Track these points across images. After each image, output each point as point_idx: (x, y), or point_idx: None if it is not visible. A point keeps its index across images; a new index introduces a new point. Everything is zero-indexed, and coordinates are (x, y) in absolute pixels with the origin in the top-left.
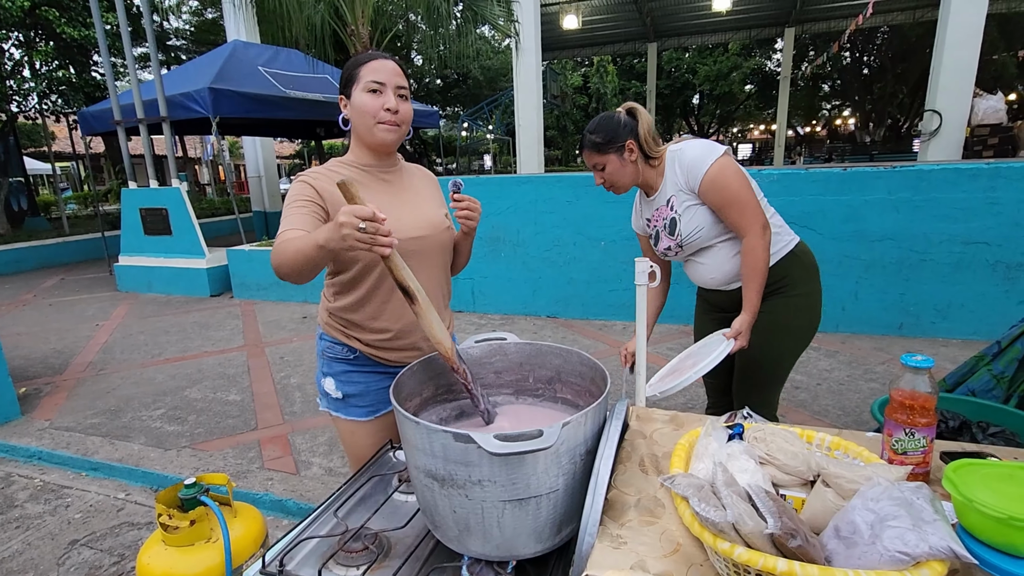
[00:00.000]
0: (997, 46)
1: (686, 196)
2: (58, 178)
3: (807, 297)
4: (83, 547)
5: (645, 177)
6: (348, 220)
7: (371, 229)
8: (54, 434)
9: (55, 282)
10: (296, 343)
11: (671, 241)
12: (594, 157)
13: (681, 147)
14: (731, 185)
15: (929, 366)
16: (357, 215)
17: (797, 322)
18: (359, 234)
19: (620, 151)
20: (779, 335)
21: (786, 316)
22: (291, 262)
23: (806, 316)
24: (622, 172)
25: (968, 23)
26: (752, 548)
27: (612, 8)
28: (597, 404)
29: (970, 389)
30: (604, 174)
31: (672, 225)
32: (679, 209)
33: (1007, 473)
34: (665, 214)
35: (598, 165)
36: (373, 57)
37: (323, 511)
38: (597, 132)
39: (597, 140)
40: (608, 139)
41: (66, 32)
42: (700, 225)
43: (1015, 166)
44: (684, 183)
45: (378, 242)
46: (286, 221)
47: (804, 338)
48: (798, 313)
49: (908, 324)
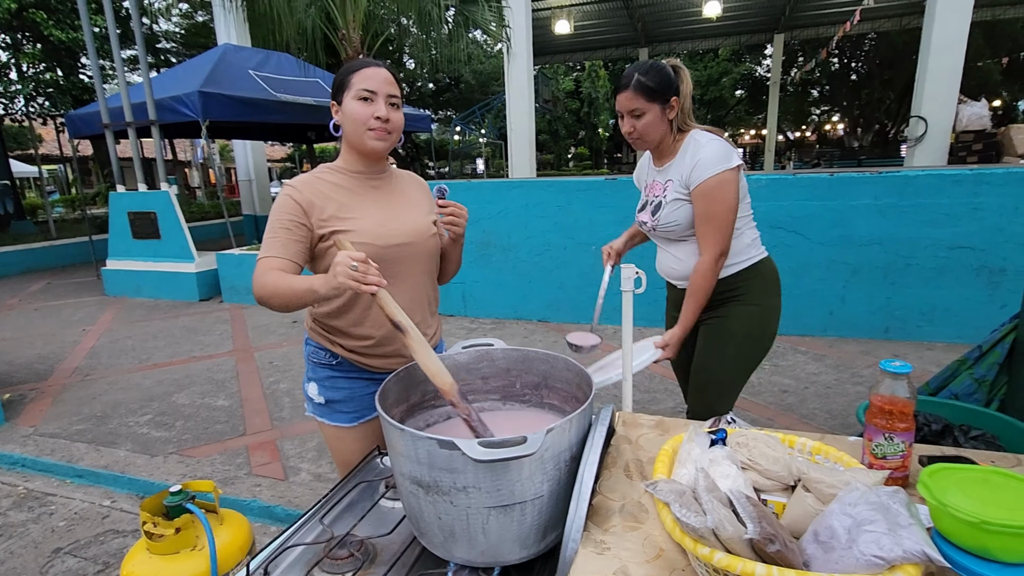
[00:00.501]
0: (982, 53)
1: (679, 188)
2: (45, 181)
3: (761, 308)
4: (67, 555)
5: (666, 142)
6: (343, 260)
7: (362, 269)
8: (38, 441)
9: (41, 286)
10: (286, 348)
11: (650, 220)
12: (637, 101)
13: (703, 139)
14: (718, 203)
15: (907, 372)
16: (352, 257)
17: (747, 330)
18: (351, 272)
19: (665, 104)
20: (726, 340)
21: (737, 323)
22: (281, 299)
23: (757, 327)
24: (657, 127)
25: (952, 31)
26: (732, 553)
27: (603, 13)
28: (581, 410)
29: (953, 393)
30: (639, 123)
31: (657, 208)
32: (668, 197)
33: (980, 477)
34: (658, 192)
35: (637, 111)
36: (365, 64)
37: (309, 518)
38: (650, 76)
39: (649, 84)
40: (660, 87)
41: (54, 34)
42: (678, 221)
43: (998, 172)
44: (686, 175)
45: (367, 280)
46: (269, 244)
47: (753, 349)
48: (749, 322)
49: (894, 328)
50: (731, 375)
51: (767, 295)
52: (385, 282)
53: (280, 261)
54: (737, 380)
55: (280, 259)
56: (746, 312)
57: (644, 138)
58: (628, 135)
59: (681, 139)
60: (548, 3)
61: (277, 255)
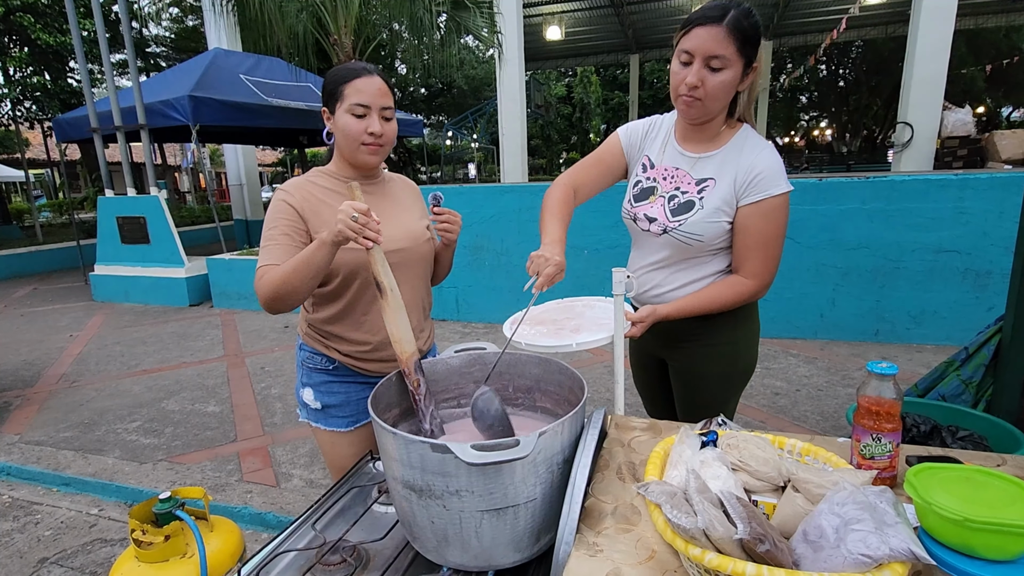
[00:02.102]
0: (966, 61)
1: (726, 196)
2: (32, 185)
3: (735, 343)
4: (53, 565)
5: (715, 125)
6: (345, 209)
7: (362, 221)
8: (24, 448)
9: (27, 292)
10: (277, 353)
11: (663, 218)
12: (727, 45)
13: (761, 142)
14: (779, 228)
15: (893, 373)
16: (354, 208)
17: (720, 369)
18: (351, 222)
19: (749, 67)
20: (703, 383)
21: (709, 365)
22: (291, 280)
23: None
24: (727, 93)
25: (936, 39)
26: (723, 553)
27: (594, 20)
28: (573, 413)
29: (940, 394)
30: (714, 78)
31: (683, 207)
32: (708, 203)
33: (965, 476)
34: (684, 187)
35: (719, 61)
36: (357, 74)
37: (301, 524)
38: (750, 20)
39: (748, 31)
40: (756, 41)
41: (41, 38)
42: (702, 236)
43: (982, 177)
44: (743, 182)
45: (365, 234)
46: (268, 252)
47: (734, 381)
48: (724, 360)
49: (884, 330)
50: (720, 408)
51: (740, 325)
52: (381, 239)
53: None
54: (728, 407)
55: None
56: (719, 352)
57: (706, 102)
58: (689, 91)
59: (732, 129)
60: (540, 9)
61: (278, 262)
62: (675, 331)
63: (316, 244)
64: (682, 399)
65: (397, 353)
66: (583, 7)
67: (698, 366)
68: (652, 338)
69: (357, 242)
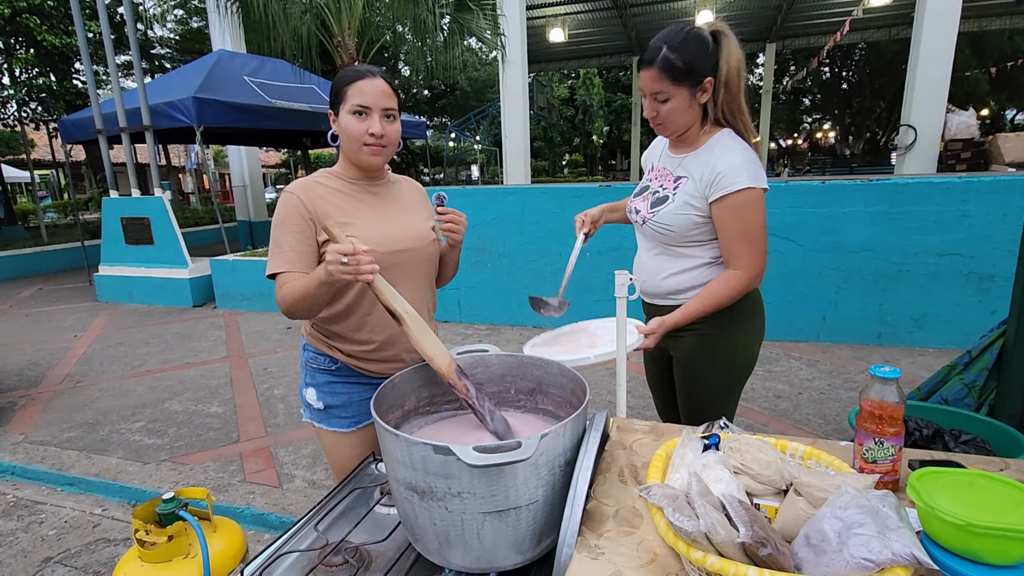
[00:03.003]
0: (969, 63)
1: (693, 193)
2: (37, 186)
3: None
4: (57, 564)
5: (693, 132)
6: (333, 258)
7: (352, 262)
8: (28, 448)
9: (32, 292)
10: (280, 354)
11: (645, 210)
12: (661, 83)
13: (734, 144)
14: (755, 220)
15: (896, 377)
16: (340, 252)
17: (725, 362)
18: (343, 267)
19: (695, 87)
20: (706, 376)
21: (713, 358)
22: (303, 304)
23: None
24: (684, 114)
25: (940, 41)
26: (725, 557)
27: (597, 22)
28: (576, 415)
29: (943, 398)
30: (663, 108)
31: (659, 202)
32: (677, 196)
33: (967, 481)
34: (665, 183)
35: (661, 95)
36: (361, 76)
37: (303, 525)
38: (681, 52)
39: (676, 64)
40: (691, 66)
41: (47, 40)
42: (673, 227)
43: (985, 180)
44: (707, 181)
45: (361, 271)
46: (279, 258)
47: (736, 375)
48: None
49: (886, 333)
50: (719, 405)
51: (746, 318)
52: (378, 267)
53: (293, 276)
54: (727, 404)
55: (294, 274)
56: (723, 343)
57: (668, 125)
58: (651, 120)
59: (710, 133)
60: (543, 12)
61: (289, 269)
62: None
63: (315, 282)
64: (683, 393)
65: (437, 368)
66: (586, 9)
67: (698, 359)
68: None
69: (357, 280)
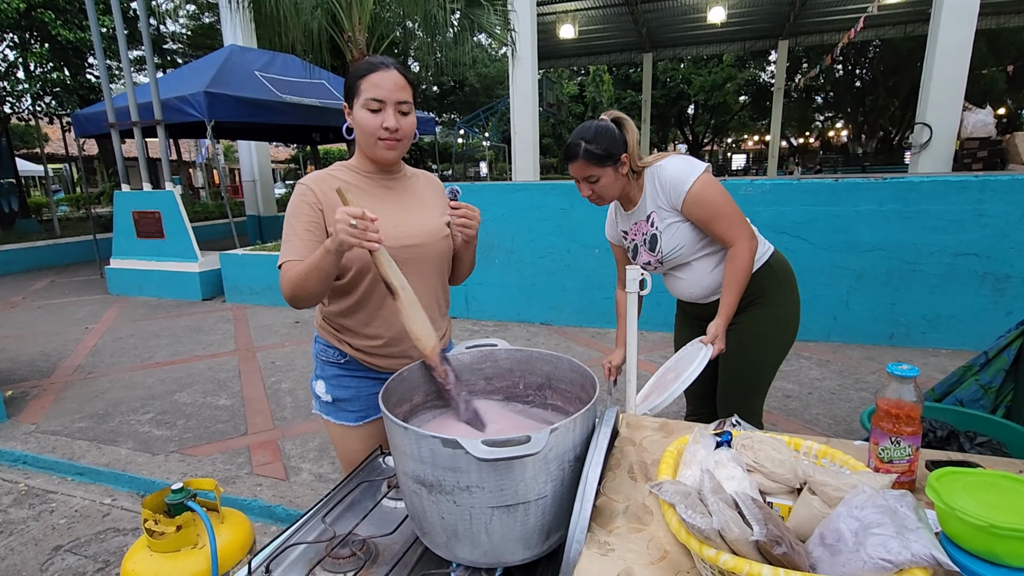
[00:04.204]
0: (986, 61)
1: (668, 213)
2: (50, 180)
3: (782, 307)
4: (67, 553)
5: (626, 190)
6: (342, 217)
7: (361, 226)
8: (40, 438)
9: (45, 284)
10: (288, 348)
11: (651, 256)
12: (589, 168)
13: (661, 164)
14: (716, 199)
15: (914, 375)
16: (349, 214)
17: (771, 333)
18: (350, 229)
19: (616, 164)
20: (754, 346)
21: (761, 327)
22: (307, 282)
23: (780, 327)
24: (613, 186)
25: (957, 38)
26: (738, 555)
27: (608, 18)
28: (585, 410)
29: (958, 399)
30: (595, 186)
31: (653, 241)
32: (660, 227)
33: (989, 482)
34: (645, 230)
35: (592, 177)
36: (375, 68)
37: (311, 517)
38: (596, 142)
39: (596, 152)
40: (608, 150)
41: (61, 34)
42: (681, 243)
43: (1003, 179)
44: (666, 200)
45: (367, 237)
46: (289, 247)
47: (780, 348)
48: (774, 323)
49: (899, 334)
50: (765, 378)
51: (784, 290)
52: (382, 239)
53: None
54: (767, 382)
55: (297, 261)
56: (768, 314)
57: (605, 198)
58: (589, 199)
59: (640, 179)
60: (553, 8)
61: (298, 258)
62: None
63: (321, 252)
64: (733, 368)
65: (420, 349)
66: (597, 5)
67: (756, 328)
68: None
69: (362, 247)
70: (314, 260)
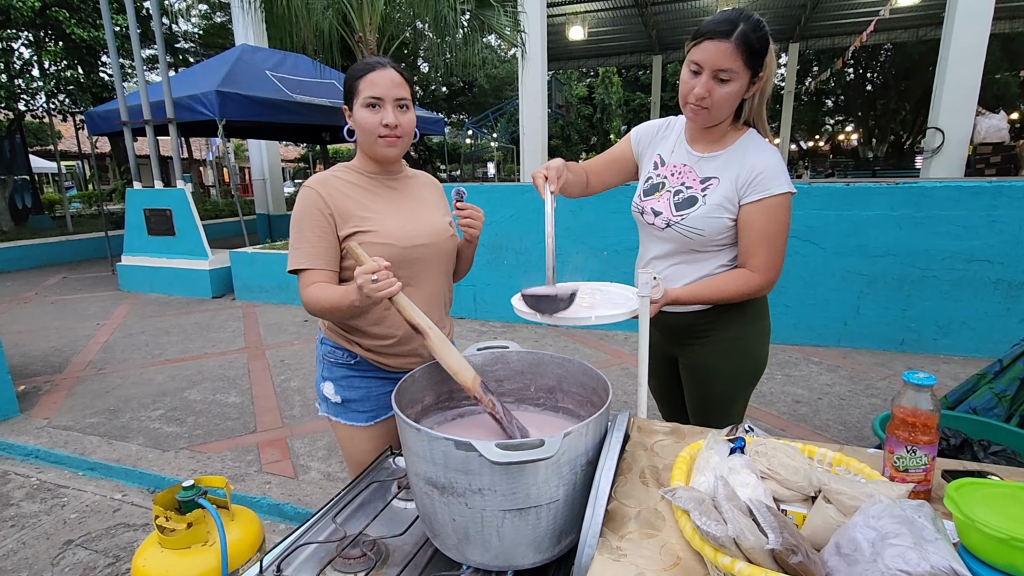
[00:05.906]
0: (1000, 65)
1: (728, 194)
2: (63, 177)
3: (743, 340)
4: (78, 547)
5: (722, 128)
6: (364, 280)
7: (382, 277)
8: (52, 433)
9: (57, 280)
10: (297, 346)
11: (670, 213)
12: (732, 59)
13: (767, 146)
14: (782, 223)
15: (931, 384)
16: (367, 271)
17: (731, 366)
18: (373, 285)
19: (756, 75)
20: (712, 381)
21: (718, 362)
22: (327, 313)
23: (743, 358)
24: (733, 102)
25: (971, 42)
26: (753, 563)
27: (617, 20)
28: (599, 415)
29: (972, 407)
30: (721, 90)
31: (687, 203)
32: (710, 199)
33: (1009, 493)
34: (689, 183)
35: (726, 73)
36: (371, 68)
37: (321, 516)
38: (757, 34)
39: (754, 42)
40: (763, 51)
41: (75, 33)
42: (703, 231)
43: (1017, 185)
44: (745, 180)
45: (389, 285)
46: (300, 254)
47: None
48: (733, 357)
49: (910, 340)
50: (727, 408)
51: (749, 322)
52: (399, 283)
53: (317, 273)
54: (735, 408)
55: (317, 271)
56: (728, 348)
57: (713, 111)
58: (696, 101)
59: (737, 132)
60: (563, 9)
61: (312, 266)
62: (686, 328)
63: (346, 302)
64: (692, 396)
65: (461, 383)
66: (607, 7)
67: (708, 362)
68: (663, 336)
69: (387, 296)
70: (337, 303)
